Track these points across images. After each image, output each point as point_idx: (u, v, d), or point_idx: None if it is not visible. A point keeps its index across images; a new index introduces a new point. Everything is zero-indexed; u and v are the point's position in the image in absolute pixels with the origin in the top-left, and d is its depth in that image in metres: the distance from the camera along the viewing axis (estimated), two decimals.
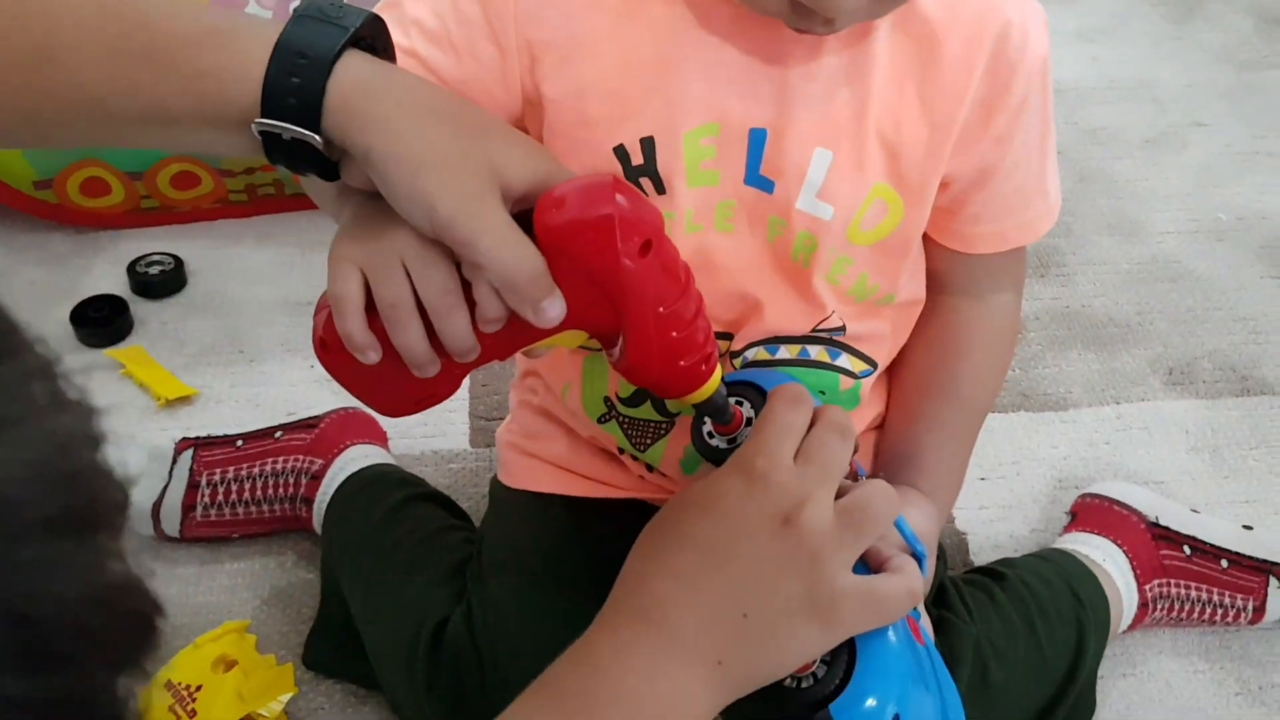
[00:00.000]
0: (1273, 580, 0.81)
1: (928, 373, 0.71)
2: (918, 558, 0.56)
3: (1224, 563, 0.81)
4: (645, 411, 0.68)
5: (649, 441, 0.69)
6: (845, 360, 0.69)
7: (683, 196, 0.61)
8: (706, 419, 0.60)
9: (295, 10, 0.50)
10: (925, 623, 0.61)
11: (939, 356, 0.71)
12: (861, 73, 0.59)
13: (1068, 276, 1.13)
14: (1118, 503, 0.84)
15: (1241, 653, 0.82)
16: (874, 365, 0.69)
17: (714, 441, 0.60)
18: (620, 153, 0.60)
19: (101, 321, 1.03)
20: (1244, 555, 0.82)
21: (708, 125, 0.60)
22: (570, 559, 0.72)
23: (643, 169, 0.61)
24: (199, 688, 0.77)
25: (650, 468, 0.70)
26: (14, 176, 1.07)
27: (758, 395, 0.60)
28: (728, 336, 0.66)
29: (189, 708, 0.76)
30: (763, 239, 0.63)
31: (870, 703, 0.51)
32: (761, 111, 0.59)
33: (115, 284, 1.08)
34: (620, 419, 0.70)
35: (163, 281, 1.07)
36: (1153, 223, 1.19)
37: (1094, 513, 0.85)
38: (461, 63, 0.59)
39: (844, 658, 0.53)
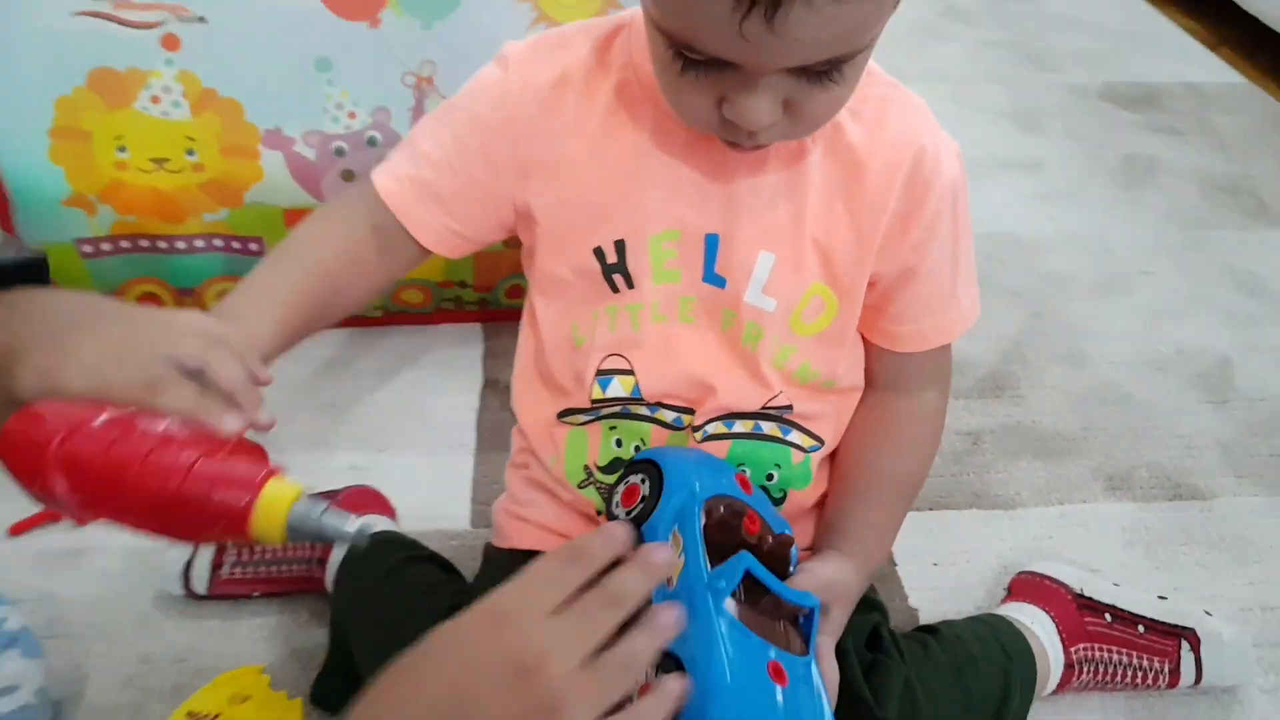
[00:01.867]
0: (1184, 644, 0.89)
1: (858, 456, 0.81)
2: (810, 608, 0.65)
3: (1141, 628, 0.90)
4: (615, 478, 0.79)
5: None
6: (796, 436, 0.80)
7: (649, 291, 0.74)
8: (616, 490, 0.72)
9: None
10: (825, 668, 0.67)
11: (869, 443, 0.81)
12: (798, 189, 0.72)
13: (1021, 397, 1.24)
14: (1048, 577, 0.94)
15: (1162, 714, 0.90)
16: (821, 442, 0.81)
17: (616, 511, 0.71)
18: (598, 253, 0.74)
19: None
20: (1158, 621, 0.91)
21: (669, 231, 0.74)
22: None
23: (616, 267, 0.75)
24: (217, 715, 0.86)
25: None
26: (76, 288, 1.22)
27: (656, 473, 0.70)
28: (689, 411, 0.78)
29: None
30: (718, 329, 0.76)
31: None
32: (713, 220, 0.73)
33: None
34: (597, 484, 0.82)
35: None
36: (1100, 354, 1.31)
37: (1027, 586, 0.94)
38: (457, 179, 0.75)
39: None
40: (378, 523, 0.99)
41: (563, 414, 0.81)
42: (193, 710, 0.86)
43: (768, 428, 0.80)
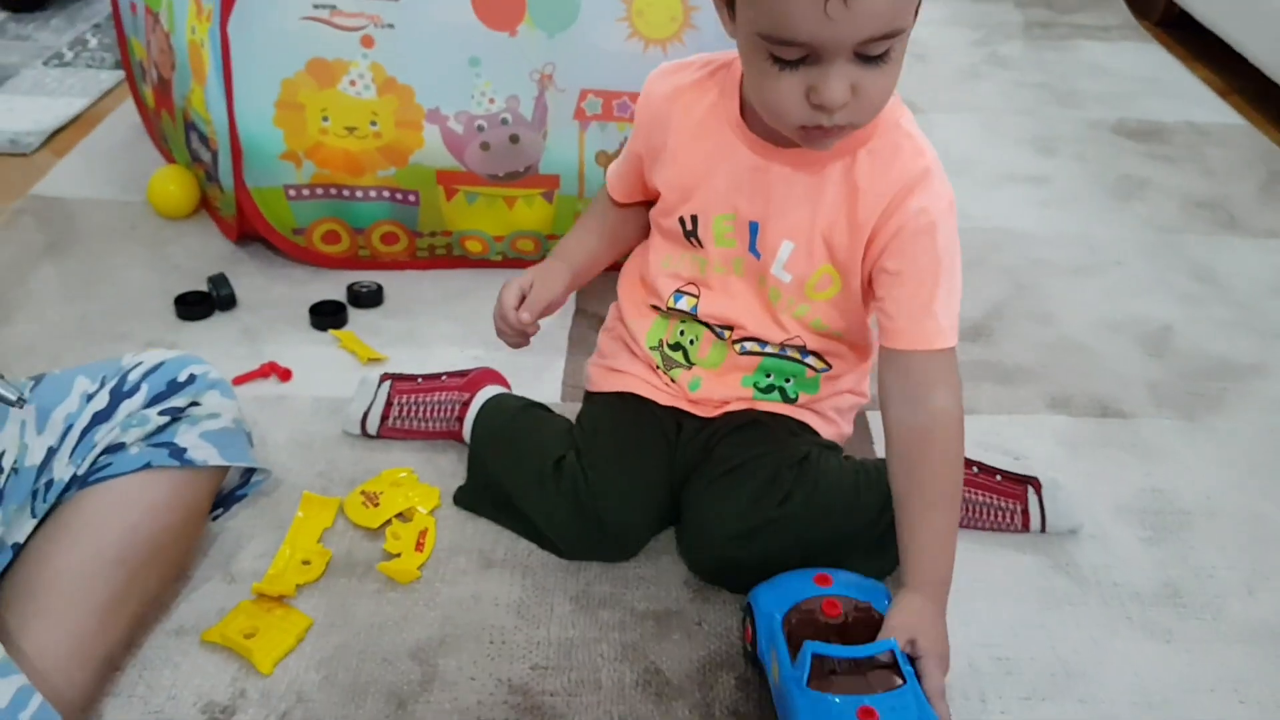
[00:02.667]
0: (1030, 490, 1.22)
1: (896, 486, 1.04)
2: (888, 650, 0.92)
3: (999, 477, 1.24)
4: (676, 355, 1.20)
5: (671, 368, 1.20)
6: (811, 359, 1.19)
7: (713, 252, 1.14)
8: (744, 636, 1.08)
9: None
10: (939, 710, 0.91)
11: (903, 471, 1.03)
12: (816, 200, 1.08)
13: (993, 343, 1.58)
14: None
15: (1039, 546, 1.23)
16: (830, 366, 1.20)
17: (748, 648, 1.06)
18: (681, 221, 1.15)
19: (329, 314, 1.56)
20: (1011, 472, 1.24)
21: (728, 214, 1.12)
22: (632, 421, 1.20)
23: (692, 233, 1.15)
24: (380, 493, 1.24)
25: (671, 380, 1.20)
26: (281, 223, 1.63)
27: (751, 609, 1.05)
28: (729, 328, 1.18)
29: (376, 501, 1.23)
30: (756, 285, 1.15)
31: None
32: (756, 212, 1.11)
33: (338, 296, 1.61)
34: (661, 351, 1.20)
35: (369, 295, 1.60)
36: (1066, 317, 1.65)
37: None
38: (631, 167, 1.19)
39: None
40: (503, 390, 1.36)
41: (651, 305, 1.20)
42: (365, 490, 1.25)
43: (790, 352, 1.18)
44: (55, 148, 2.07)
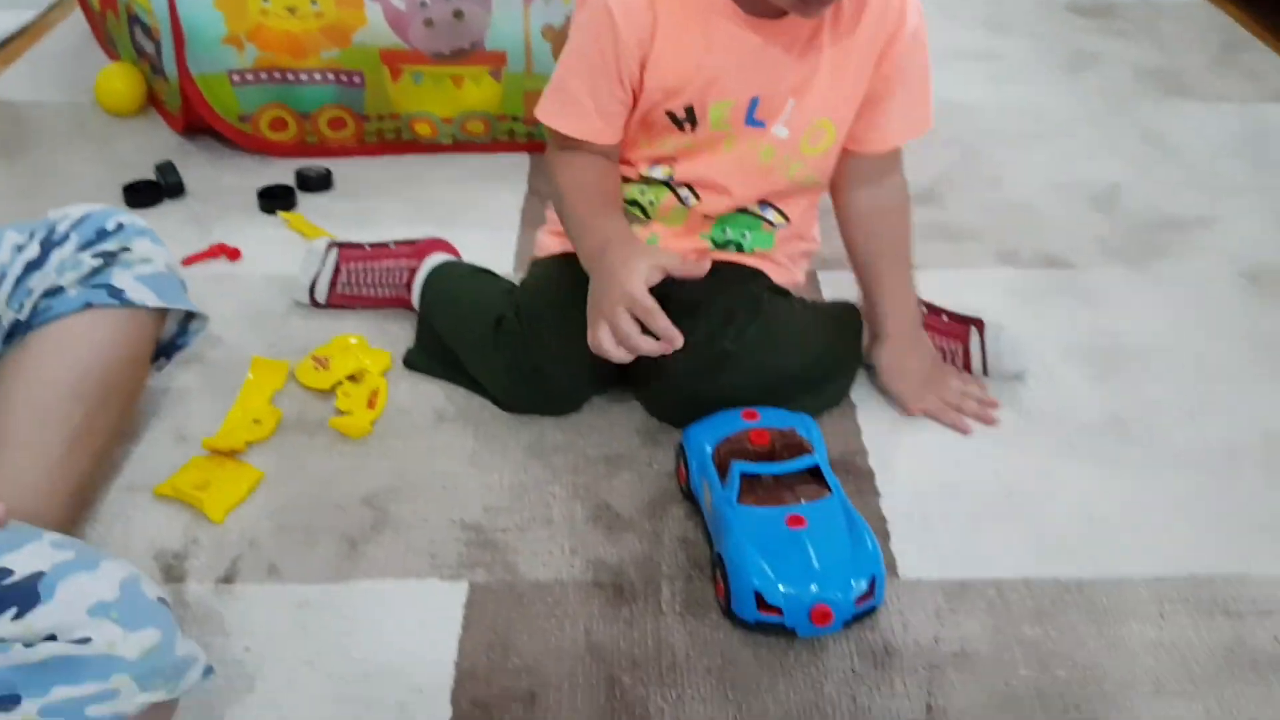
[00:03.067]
0: (973, 330, 1.24)
1: (866, 246, 1.21)
2: (814, 466, 1.00)
3: (944, 317, 1.25)
4: (635, 210, 1.21)
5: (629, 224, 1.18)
6: (770, 214, 1.20)
7: (705, 134, 1.13)
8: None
9: None
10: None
11: (870, 232, 1.20)
12: (815, 59, 1.09)
13: (943, 206, 1.59)
14: None
15: (989, 386, 1.25)
16: (788, 221, 1.21)
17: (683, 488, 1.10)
18: (670, 114, 1.11)
19: (277, 197, 1.55)
20: (956, 313, 1.26)
21: (727, 101, 1.10)
22: (575, 282, 1.18)
23: (685, 120, 1.12)
24: (330, 358, 1.24)
25: None
26: (226, 110, 1.62)
27: (683, 450, 1.09)
28: (697, 196, 1.18)
29: (327, 365, 1.24)
30: (744, 149, 1.14)
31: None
32: (758, 86, 1.09)
33: (287, 182, 1.60)
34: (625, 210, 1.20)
35: (318, 179, 1.59)
36: (1014, 180, 1.65)
37: None
38: (607, 106, 1.10)
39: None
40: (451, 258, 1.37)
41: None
42: (315, 354, 1.25)
43: (752, 207, 1.18)
44: (3, 57, 2.04)
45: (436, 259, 1.34)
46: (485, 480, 1.11)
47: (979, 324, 1.25)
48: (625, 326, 0.97)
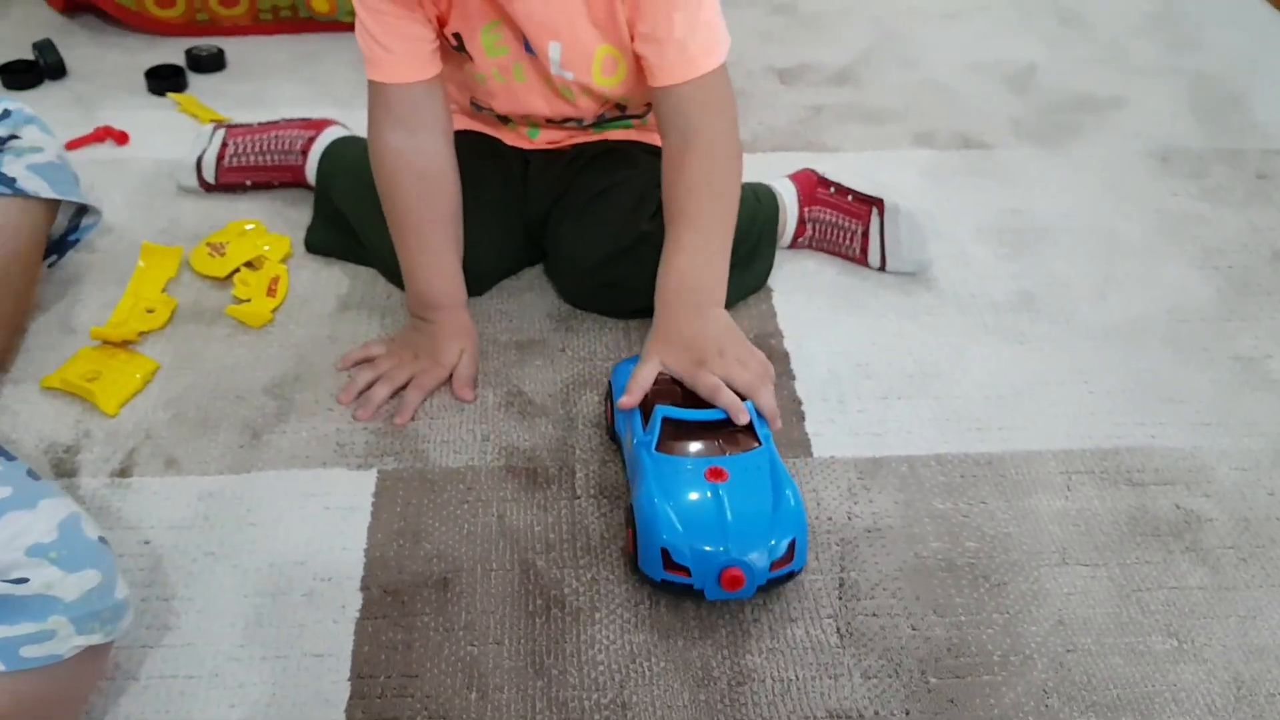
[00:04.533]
0: (874, 210, 1.20)
1: (674, 207, 1.01)
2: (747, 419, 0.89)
3: (850, 197, 1.22)
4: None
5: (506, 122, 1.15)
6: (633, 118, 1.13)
7: (486, 63, 1.04)
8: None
9: None
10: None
11: (666, 194, 1.01)
12: None
13: (860, 87, 1.56)
14: (807, 168, 1.26)
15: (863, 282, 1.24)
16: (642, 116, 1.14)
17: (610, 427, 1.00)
18: (451, 39, 1.02)
19: (166, 77, 1.47)
20: (861, 192, 1.22)
21: (493, 22, 1.01)
22: (476, 158, 1.13)
23: (460, 48, 1.03)
24: (226, 244, 1.19)
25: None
26: None
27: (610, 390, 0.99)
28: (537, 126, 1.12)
29: (223, 251, 1.18)
30: (544, 84, 1.06)
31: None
32: (517, 14, 0.98)
33: (177, 61, 1.52)
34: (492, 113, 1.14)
35: (210, 59, 1.51)
36: (931, 61, 1.63)
37: (795, 173, 1.25)
38: (402, 43, 0.99)
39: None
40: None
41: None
42: (210, 241, 1.20)
43: (608, 116, 1.13)
44: None
45: (336, 131, 1.29)
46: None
47: (879, 204, 1.22)
48: (394, 371, 1.05)
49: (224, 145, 1.28)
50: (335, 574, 0.89)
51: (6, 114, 1.01)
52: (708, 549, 0.83)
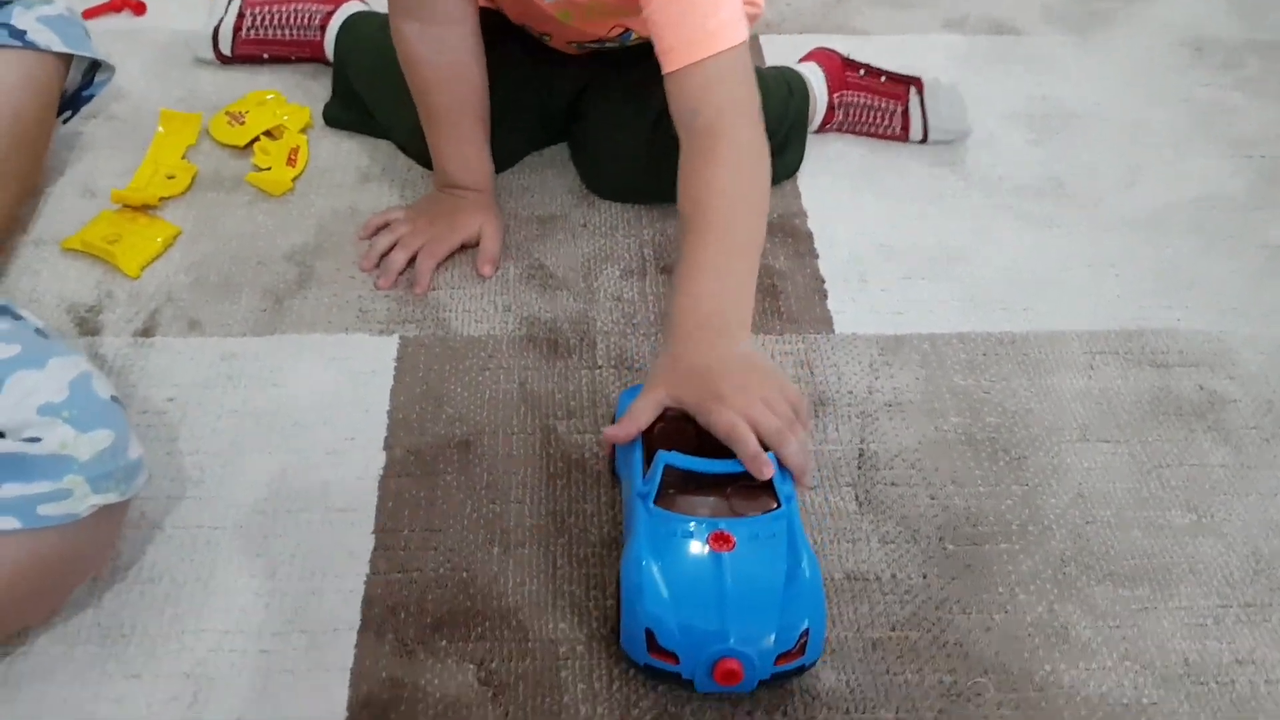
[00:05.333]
0: (912, 90, 1.20)
1: (692, 215, 0.84)
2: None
3: (883, 79, 1.21)
4: None
5: None
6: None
7: None
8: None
9: None
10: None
11: (680, 192, 0.86)
12: None
13: None
14: (826, 48, 1.24)
15: (927, 149, 1.22)
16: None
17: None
18: None
19: None
20: (895, 72, 1.21)
21: None
22: (501, 39, 1.09)
23: None
24: (245, 112, 1.18)
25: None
26: None
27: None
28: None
29: (242, 120, 1.17)
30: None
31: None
32: None
33: None
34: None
35: None
36: None
37: (812, 53, 1.24)
38: None
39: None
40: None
41: None
42: (229, 110, 1.18)
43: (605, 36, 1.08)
44: None
45: (354, 5, 1.26)
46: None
47: (918, 83, 1.21)
48: (408, 237, 1.04)
49: (240, 15, 1.25)
50: (358, 434, 0.90)
51: None
52: (699, 632, 0.68)
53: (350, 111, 1.19)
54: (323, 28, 1.24)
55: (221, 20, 1.26)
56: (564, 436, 0.90)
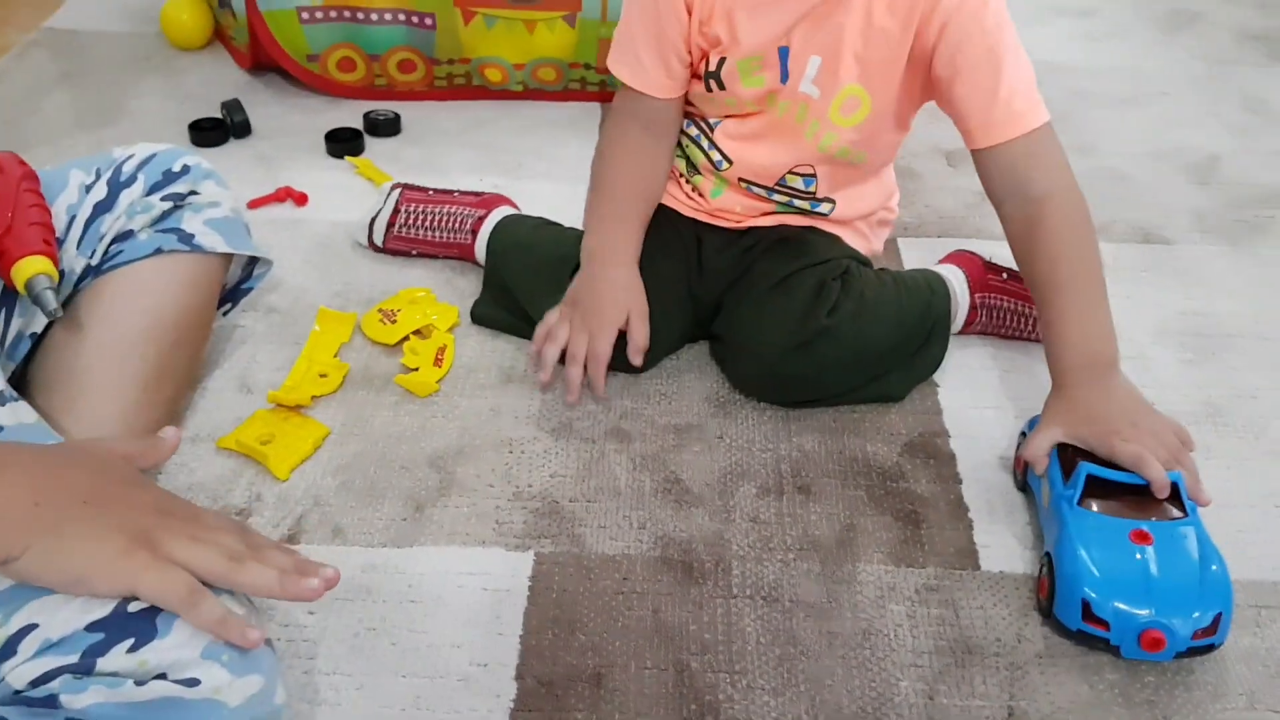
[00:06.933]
0: None
1: (1026, 275, 1.04)
2: (1172, 482, 0.90)
3: (1004, 275, 1.21)
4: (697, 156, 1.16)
5: (693, 175, 1.19)
6: (822, 206, 1.16)
7: (742, 92, 1.08)
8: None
9: None
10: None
11: (1026, 264, 1.04)
12: (844, 13, 1.02)
13: None
14: (967, 250, 1.25)
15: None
16: (835, 204, 1.16)
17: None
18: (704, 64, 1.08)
19: (345, 140, 1.52)
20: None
21: (754, 56, 1.05)
22: (651, 232, 1.17)
23: (713, 75, 1.09)
24: (398, 310, 1.21)
25: (694, 189, 1.19)
26: (295, 49, 1.58)
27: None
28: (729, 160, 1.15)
29: (394, 318, 1.21)
30: (777, 113, 1.09)
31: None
32: (783, 39, 1.04)
33: (355, 125, 1.57)
34: (684, 155, 1.19)
35: (386, 123, 1.56)
36: (1108, 148, 1.58)
37: (951, 256, 1.25)
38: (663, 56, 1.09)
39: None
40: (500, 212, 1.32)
41: None
42: (382, 307, 1.22)
43: (787, 179, 1.14)
44: None
45: (506, 209, 1.30)
46: (551, 446, 1.09)
47: None
48: (572, 344, 1.09)
49: (395, 211, 1.31)
50: (491, 660, 0.89)
51: (186, 170, 1.05)
52: (1131, 608, 0.85)
53: (498, 309, 1.22)
54: (474, 231, 1.28)
55: (379, 212, 1.31)
56: (697, 675, 0.88)
